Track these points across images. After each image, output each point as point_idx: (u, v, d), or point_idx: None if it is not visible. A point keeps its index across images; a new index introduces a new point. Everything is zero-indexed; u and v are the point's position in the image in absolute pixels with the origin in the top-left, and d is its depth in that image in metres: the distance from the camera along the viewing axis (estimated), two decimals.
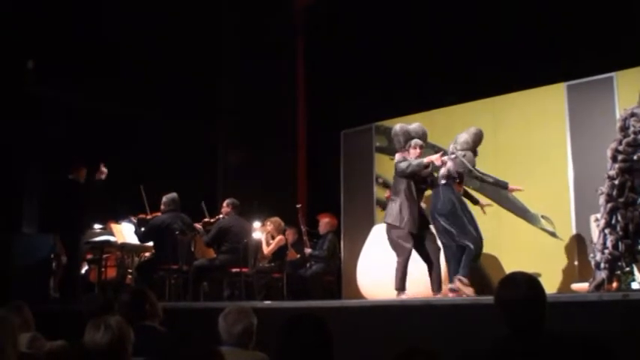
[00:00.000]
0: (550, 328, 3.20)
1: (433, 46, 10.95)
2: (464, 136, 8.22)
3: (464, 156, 7.94)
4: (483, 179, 8.29)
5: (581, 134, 9.47)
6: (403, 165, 7.84)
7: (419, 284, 8.53)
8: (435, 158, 7.65)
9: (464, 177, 8.10)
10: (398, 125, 8.34)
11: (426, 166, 7.74)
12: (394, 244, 7.83)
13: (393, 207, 7.90)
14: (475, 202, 8.43)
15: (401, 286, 7.73)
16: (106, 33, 11.83)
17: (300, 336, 3.21)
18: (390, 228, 7.88)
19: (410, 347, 2.99)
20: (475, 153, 8.20)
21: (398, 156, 8.14)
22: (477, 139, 8.16)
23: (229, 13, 13.75)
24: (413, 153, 7.95)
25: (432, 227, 7.94)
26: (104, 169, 9.83)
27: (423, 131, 8.26)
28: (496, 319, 3.27)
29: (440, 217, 7.78)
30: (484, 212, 8.48)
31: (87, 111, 11.78)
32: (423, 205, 8.27)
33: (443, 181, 7.91)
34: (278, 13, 13.35)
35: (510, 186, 8.31)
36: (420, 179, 7.93)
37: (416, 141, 7.99)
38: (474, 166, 8.03)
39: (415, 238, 7.83)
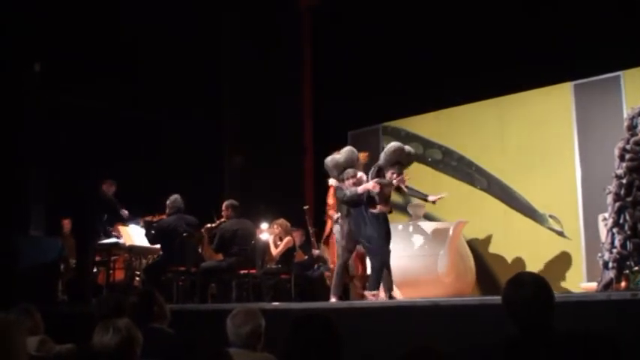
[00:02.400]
0: (558, 328, 3.20)
1: (440, 47, 10.95)
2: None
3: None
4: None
5: (589, 133, 9.46)
6: (339, 195, 8.30)
7: (417, 286, 8.60)
8: (371, 186, 7.87)
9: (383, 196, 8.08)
10: (328, 158, 8.61)
11: (361, 194, 7.95)
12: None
13: (343, 227, 8.44)
14: (424, 198, 8.51)
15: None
16: (111, 35, 11.85)
17: (308, 337, 3.21)
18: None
19: (416, 346, 2.99)
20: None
21: (335, 184, 8.58)
22: (393, 156, 8.17)
23: (233, 14, 13.75)
24: (347, 184, 8.17)
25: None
26: (125, 212, 10.13)
27: (352, 158, 8.47)
28: (504, 319, 3.27)
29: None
30: (434, 203, 8.55)
31: (93, 114, 11.78)
32: None
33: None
34: (284, 14, 13.35)
35: (430, 197, 8.46)
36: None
37: (347, 172, 8.23)
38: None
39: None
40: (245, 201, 10.21)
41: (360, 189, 7.91)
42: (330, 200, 9.23)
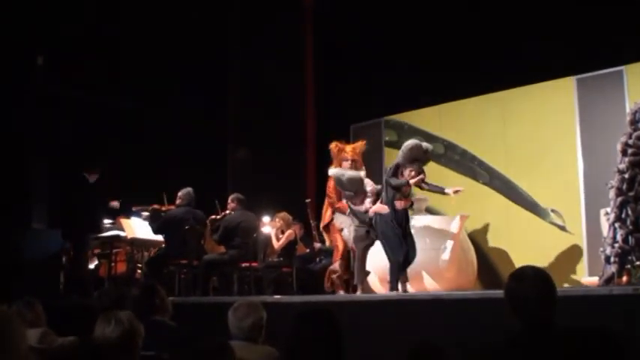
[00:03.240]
0: (560, 322, 3.20)
1: (443, 40, 10.93)
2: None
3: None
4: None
5: (591, 128, 9.45)
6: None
7: (418, 280, 8.62)
8: (382, 210, 8.04)
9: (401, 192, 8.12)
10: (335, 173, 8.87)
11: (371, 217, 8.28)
12: None
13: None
14: (442, 192, 8.42)
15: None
16: (116, 28, 11.85)
17: (310, 330, 3.22)
18: None
19: (419, 341, 3.00)
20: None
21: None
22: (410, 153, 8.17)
23: (236, 7, 13.74)
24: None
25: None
26: (115, 203, 10.15)
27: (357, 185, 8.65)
28: (506, 314, 3.27)
29: None
30: (456, 193, 8.34)
31: (97, 107, 11.79)
32: None
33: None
34: (286, 7, 13.33)
35: (447, 189, 8.35)
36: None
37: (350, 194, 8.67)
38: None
39: None
40: (247, 194, 10.21)
41: (371, 212, 8.12)
42: (332, 192, 9.31)
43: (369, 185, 8.71)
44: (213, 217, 9.98)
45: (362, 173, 8.81)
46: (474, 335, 4.54)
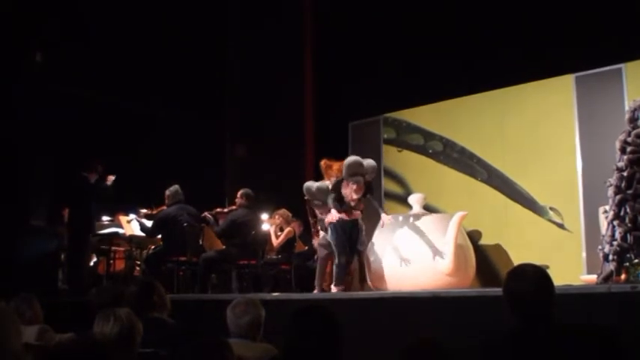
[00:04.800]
0: (558, 319, 3.20)
1: (441, 38, 10.92)
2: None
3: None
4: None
5: (590, 126, 9.45)
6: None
7: (416, 278, 8.61)
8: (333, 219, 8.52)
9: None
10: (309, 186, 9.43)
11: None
12: None
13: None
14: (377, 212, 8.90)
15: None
16: (115, 27, 11.85)
17: (308, 327, 3.22)
18: None
19: (418, 338, 3.00)
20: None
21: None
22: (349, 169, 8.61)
23: (235, 5, 13.73)
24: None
25: None
26: (111, 177, 10.07)
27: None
28: (504, 311, 3.27)
29: None
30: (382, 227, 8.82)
31: (95, 104, 11.78)
32: None
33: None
34: (286, 5, 13.33)
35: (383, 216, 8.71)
36: None
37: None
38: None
39: None
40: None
41: (326, 221, 8.61)
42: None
43: None
44: (220, 209, 9.98)
45: (327, 183, 9.21)
46: (473, 333, 4.53)
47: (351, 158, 8.70)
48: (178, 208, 9.67)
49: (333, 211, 8.42)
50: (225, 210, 9.93)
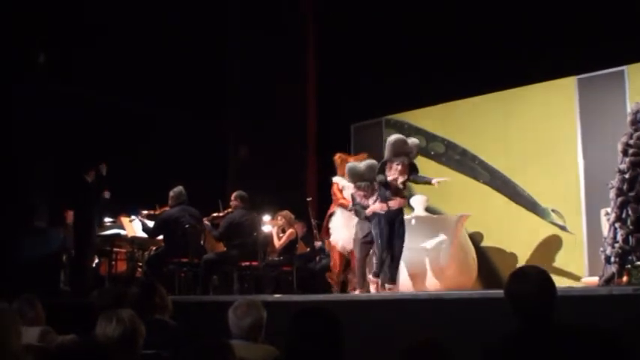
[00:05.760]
0: (561, 321, 3.21)
1: (444, 40, 10.93)
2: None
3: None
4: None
5: (592, 128, 9.45)
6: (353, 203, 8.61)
7: (419, 279, 8.63)
8: (378, 208, 8.03)
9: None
10: (350, 164, 8.78)
11: (366, 217, 8.29)
12: None
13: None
14: (428, 182, 8.27)
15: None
16: (113, 26, 11.86)
17: (310, 329, 3.22)
18: None
19: (420, 339, 3.00)
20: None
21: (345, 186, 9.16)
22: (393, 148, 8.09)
23: (237, 6, 13.74)
24: (358, 194, 8.49)
25: None
26: (107, 193, 10.11)
27: (370, 173, 8.48)
28: (506, 313, 3.28)
29: None
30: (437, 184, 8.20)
31: (97, 104, 11.78)
32: None
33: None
34: (288, 6, 13.34)
35: (434, 180, 8.22)
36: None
37: (362, 184, 8.49)
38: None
39: None
40: (248, 192, 10.22)
41: (369, 211, 8.09)
42: (339, 195, 9.34)
43: None
44: (216, 214, 10.00)
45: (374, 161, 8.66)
46: (475, 334, 4.54)
47: (394, 136, 8.17)
48: (181, 209, 9.68)
49: (377, 202, 7.96)
50: (221, 214, 9.94)
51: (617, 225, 6.42)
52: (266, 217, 10.61)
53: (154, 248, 10.48)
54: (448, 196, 10.02)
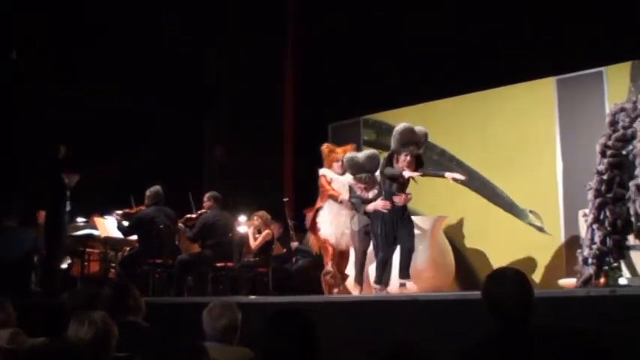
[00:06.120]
0: (537, 323, 3.22)
1: (422, 40, 10.95)
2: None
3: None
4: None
5: (571, 129, 9.51)
6: (351, 195, 8.36)
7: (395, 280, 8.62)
8: (381, 206, 7.75)
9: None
10: (348, 155, 8.51)
11: (366, 213, 8.02)
12: None
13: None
14: (442, 176, 8.09)
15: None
16: (92, 24, 11.80)
17: (286, 331, 3.22)
18: None
19: (397, 341, 3.01)
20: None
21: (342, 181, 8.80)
22: (401, 137, 7.78)
23: (217, 6, 13.69)
24: (357, 187, 8.25)
25: None
26: (76, 175, 9.98)
27: (372, 163, 8.29)
28: (483, 315, 3.29)
29: None
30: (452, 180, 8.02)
31: (69, 104, 11.70)
32: None
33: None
34: (267, 6, 13.30)
35: (448, 174, 8.00)
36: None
37: (361, 176, 8.22)
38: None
39: None
40: (224, 193, 10.21)
41: (371, 207, 7.81)
42: (328, 186, 8.90)
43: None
44: (189, 215, 9.97)
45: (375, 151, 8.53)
46: (452, 336, 4.56)
47: (402, 125, 7.83)
48: (157, 209, 9.66)
49: (379, 199, 7.67)
50: (195, 215, 9.93)
51: (594, 226, 6.46)
52: (242, 218, 10.59)
53: (128, 249, 10.42)
54: (426, 196, 10.04)
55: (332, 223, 8.83)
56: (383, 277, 7.78)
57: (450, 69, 10.57)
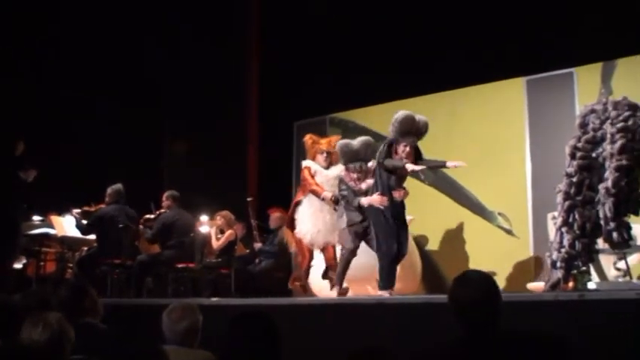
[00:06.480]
0: (505, 327, 3.24)
1: (390, 38, 10.98)
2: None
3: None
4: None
5: (540, 130, 9.59)
6: (340, 187, 7.91)
7: (361, 284, 8.64)
8: (378, 202, 7.33)
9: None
10: (342, 142, 8.15)
11: (360, 207, 7.61)
12: None
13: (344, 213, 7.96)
14: (443, 166, 7.93)
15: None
16: (44, 12, 11.68)
17: (247, 334, 3.21)
18: None
19: (362, 346, 3.01)
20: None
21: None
22: (400, 126, 7.43)
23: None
24: (350, 177, 7.87)
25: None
26: (33, 172, 9.81)
27: (366, 150, 7.98)
28: (450, 318, 3.30)
29: None
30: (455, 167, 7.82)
31: (26, 94, 11.56)
32: None
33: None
34: (230, 2, 13.26)
35: (449, 163, 7.70)
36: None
37: (354, 165, 7.88)
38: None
39: None
40: (185, 192, 10.16)
41: (366, 202, 7.40)
42: (311, 180, 8.40)
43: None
44: (148, 216, 9.92)
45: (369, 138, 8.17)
46: (418, 340, 4.57)
47: (402, 113, 7.46)
48: (118, 208, 9.59)
49: (394, 193, 7.24)
50: (153, 216, 9.87)
51: (563, 229, 6.50)
52: (204, 217, 10.55)
53: (86, 249, 10.34)
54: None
55: (310, 219, 8.38)
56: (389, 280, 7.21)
57: (419, 68, 10.61)
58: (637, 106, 6.32)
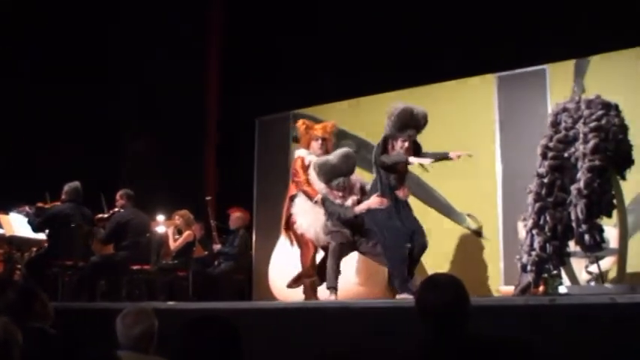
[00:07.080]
0: (474, 332, 3.26)
1: (355, 32, 11.01)
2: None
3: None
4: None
5: (511, 129, 9.64)
6: (327, 205, 7.71)
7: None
8: (378, 203, 7.28)
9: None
10: (320, 161, 7.87)
11: (356, 216, 7.46)
12: None
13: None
14: (445, 157, 7.83)
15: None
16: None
17: (204, 340, 3.19)
18: None
19: (329, 352, 3.01)
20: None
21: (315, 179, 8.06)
22: (398, 120, 7.42)
23: None
24: (334, 195, 7.71)
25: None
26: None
27: (347, 163, 7.83)
28: (417, 323, 3.31)
29: None
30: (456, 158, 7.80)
31: None
32: None
33: None
34: None
35: (452, 153, 7.70)
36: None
37: (337, 182, 7.67)
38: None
39: None
40: (141, 190, 10.11)
41: (363, 207, 7.25)
42: (302, 175, 8.15)
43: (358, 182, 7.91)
44: (100, 215, 9.85)
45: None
46: (384, 345, 4.59)
47: (400, 105, 7.45)
48: (74, 206, 9.54)
49: (374, 196, 7.10)
50: (106, 215, 9.82)
51: (534, 232, 6.53)
52: (160, 217, 10.51)
53: (35, 249, 10.25)
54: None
55: (311, 212, 8.05)
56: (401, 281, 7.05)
57: (385, 64, 10.65)
58: (611, 105, 6.37)
